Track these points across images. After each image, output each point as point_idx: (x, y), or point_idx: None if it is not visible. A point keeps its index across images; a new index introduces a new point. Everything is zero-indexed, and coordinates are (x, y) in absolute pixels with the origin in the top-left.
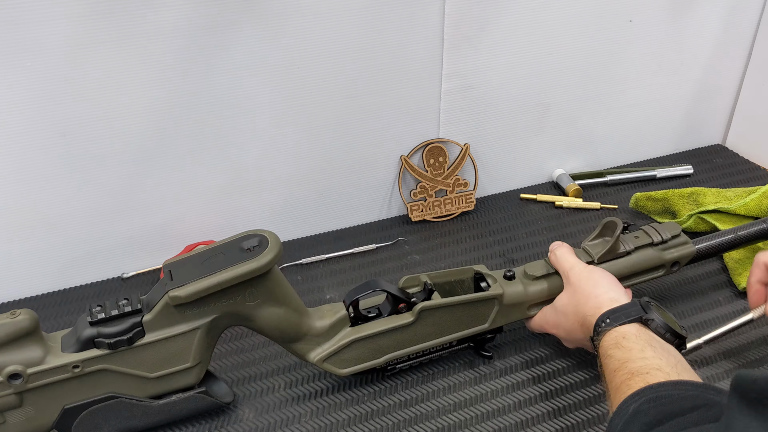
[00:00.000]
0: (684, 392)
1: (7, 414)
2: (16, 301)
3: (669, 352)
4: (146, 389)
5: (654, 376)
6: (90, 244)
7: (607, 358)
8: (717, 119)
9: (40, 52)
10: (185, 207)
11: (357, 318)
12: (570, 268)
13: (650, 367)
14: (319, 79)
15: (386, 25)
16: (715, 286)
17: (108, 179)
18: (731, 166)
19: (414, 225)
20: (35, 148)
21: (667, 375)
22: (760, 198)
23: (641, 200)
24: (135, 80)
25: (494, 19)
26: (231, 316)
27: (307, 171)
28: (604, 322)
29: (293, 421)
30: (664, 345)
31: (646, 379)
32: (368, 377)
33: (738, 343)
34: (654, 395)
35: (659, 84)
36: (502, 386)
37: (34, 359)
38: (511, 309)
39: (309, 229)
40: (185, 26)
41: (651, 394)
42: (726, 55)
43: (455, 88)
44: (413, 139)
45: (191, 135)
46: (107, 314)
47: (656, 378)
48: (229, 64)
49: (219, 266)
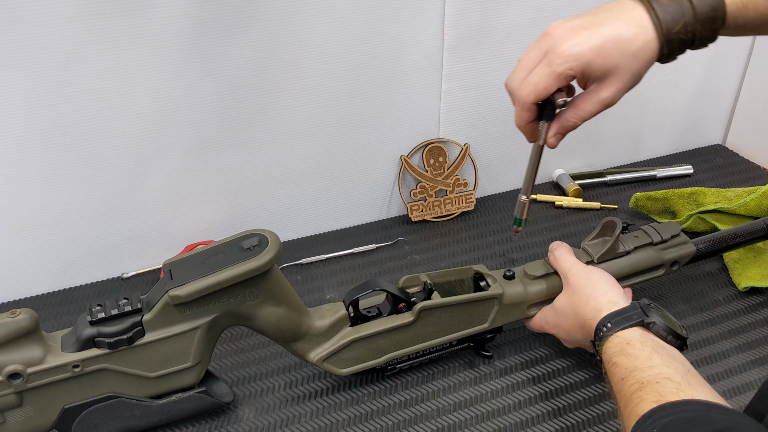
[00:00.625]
0: (697, 414)
1: (7, 413)
2: (16, 300)
3: (676, 359)
4: (146, 389)
5: (664, 386)
6: (90, 244)
7: (613, 365)
8: (717, 119)
9: (40, 52)
10: (185, 207)
11: (357, 318)
12: (569, 269)
13: (660, 377)
14: (319, 80)
15: (386, 25)
16: (715, 286)
17: (108, 179)
18: (731, 166)
19: (414, 225)
20: (35, 148)
21: (678, 385)
22: (760, 198)
23: (641, 200)
24: (135, 80)
25: (494, 19)
26: (231, 315)
27: (306, 171)
28: (605, 326)
29: (293, 421)
30: (669, 350)
31: (657, 389)
32: (368, 377)
33: (735, 343)
34: (668, 419)
35: (659, 84)
36: (502, 386)
37: (34, 359)
38: (511, 309)
39: (309, 229)
40: (185, 26)
41: (665, 419)
42: (726, 55)
43: (455, 88)
44: (413, 139)
45: (191, 135)
46: (107, 314)
47: (666, 389)
48: (229, 64)
49: (219, 266)
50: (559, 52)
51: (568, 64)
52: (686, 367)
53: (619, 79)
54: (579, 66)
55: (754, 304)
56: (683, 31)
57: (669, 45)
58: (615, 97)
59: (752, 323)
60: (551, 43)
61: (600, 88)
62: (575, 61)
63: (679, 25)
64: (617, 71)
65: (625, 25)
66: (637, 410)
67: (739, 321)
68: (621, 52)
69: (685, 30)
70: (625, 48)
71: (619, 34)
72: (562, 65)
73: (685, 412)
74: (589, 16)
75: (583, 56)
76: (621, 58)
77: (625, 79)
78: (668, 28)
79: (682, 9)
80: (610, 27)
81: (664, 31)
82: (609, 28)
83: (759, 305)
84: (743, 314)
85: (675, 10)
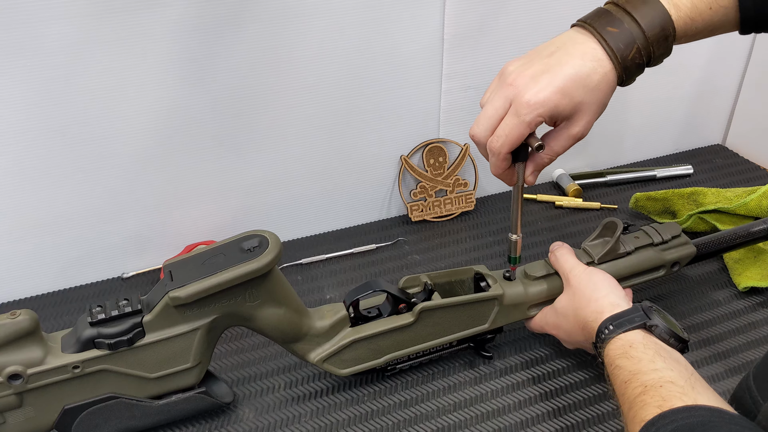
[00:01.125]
0: (701, 420)
1: (7, 414)
2: (16, 301)
3: (679, 362)
4: (146, 389)
5: (668, 390)
6: (90, 244)
7: (616, 368)
8: (717, 119)
9: (40, 52)
10: (185, 207)
11: (357, 318)
12: (570, 270)
13: (664, 380)
14: (319, 79)
15: (386, 25)
16: (715, 286)
17: (108, 179)
18: (731, 166)
19: (414, 225)
20: (35, 148)
21: (682, 389)
22: (760, 198)
23: (641, 200)
24: (135, 80)
25: (494, 19)
26: (231, 316)
27: (306, 171)
28: (607, 328)
29: (293, 421)
30: (672, 353)
31: (660, 393)
32: (368, 377)
33: (736, 343)
34: (672, 427)
35: (659, 84)
36: (502, 386)
37: (35, 360)
38: (511, 309)
39: (309, 229)
40: (185, 26)
41: (669, 426)
42: (726, 55)
43: (455, 88)
44: (413, 139)
45: (191, 135)
46: (107, 315)
47: (670, 393)
48: (229, 64)
49: (219, 267)
50: (525, 102)
51: (536, 112)
52: (689, 371)
53: (587, 113)
54: (547, 111)
55: (754, 304)
56: (638, 56)
57: (626, 71)
58: (585, 130)
59: (752, 323)
60: (514, 93)
61: (569, 125)
62: (542, 107)
63: (632, 51)
64: (583, 107)
65: (581, 61)
66: (640, 415)
67: (739, 321)
68: (583, 88)
69: (639, 54)
70: (586, 84)
71: (578, 71)
72: (530, 114)
73: (688, 419)
74: (545, 58)
75: (549, 101)
76: (584, 94)
77: (592, 112)
78: (623, 56)
79: (632, 35)
80: (568, 66)
81: (619, 59)
82: (567, 68)
83: (759, 305)
84: (743, 314)
85: (626, 37)
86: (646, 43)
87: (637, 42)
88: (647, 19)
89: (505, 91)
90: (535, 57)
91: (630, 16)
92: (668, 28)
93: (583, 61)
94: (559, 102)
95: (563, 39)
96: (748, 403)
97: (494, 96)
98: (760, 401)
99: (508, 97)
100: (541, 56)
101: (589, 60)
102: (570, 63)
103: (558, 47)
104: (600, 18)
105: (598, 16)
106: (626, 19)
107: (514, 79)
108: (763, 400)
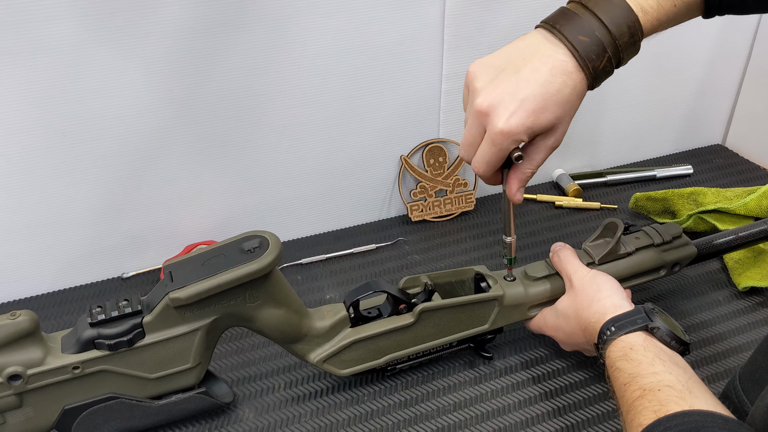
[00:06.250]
0: (694, 426)
1: (7, 414)
2: (16, 301)
3: (678, 365)
4: (146, 390)
5: (666, 394)
6: (90, 244)
7: (616, 370)
8: (717, 119)
9: (40, 52)
10: (185, 207)
11: (357, 319)
12: (573, 272)
13: (662, 384)
14: (319, 79)
15: (386, 25)
16: (715, 286)
17: (108, 179)
18: (731, 166)
19: (414, 225)
20: (35, 148)
21: (679, 393)
22: (760, 198)
23: (641, 200)
24: (135, 80)
25: (494, 19)
26: (231, 317)
27: (307, 171)
28: (608, 329)
29: (293, 421)
30: (672, 356)
31: (658, 398)
32: (368, 377)
33: (736, 343)
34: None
35: (659, 84)
36: (502, 386)
37: (34, 360)
38: (512, 310)
39: (309, 229)
40: (185, 26)
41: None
42: (726, 55)
43: (455, 88)
44: (413, 139)
45: (191, 135)
46: (107, 315)
47: (668, 397)
48: (229, 64)
49: (219, 268)
50: (499, 131)
51: (511, 138)
52: (688, 374)
53: (561, 125)
54: (521, 134)
55: (754, 304)
56: (608, 64)
57: (596, 79)
58: (560, 138)
59: (752, 323)
60: (487, 122)
61: (546, 137)
62: (516, 133)
63: (604, 60)
64: (557, 121)
65: (550, 76)
66: (638, 420)
67: (739, 321)
68: (555, 104)
69: (610, 63)
70: (558, 99)
71: (547, 89)
72: (504, 142)
73: (681, 425)
74: (512, 75)
75: (521, 126)
76: (556, 110)
77: (566, 122)
78: (594, 67)
79: (602, 44)
80: (536, 85)
81: (590, 69)
82: (536, 86)
83: (759, 305)
84: (743, 314)
85: (597, 48)
86: (617, 50)
87: (608, 50)
88: (616, 25)
89: (479, 119)
90: (501, 71)
91: (600, 22)
92: (637, 34)
93: (553, 77)
94: (533, 124)
95: (530, 47)
96: (735, 404)
97: (469, 118)
98: (746, 401)
99: (482, 124)
100: (508, 72)
101: (558, 75)
102: (539, 81)
103: (525, 59)
104: (568, 22)
105: (566, 20)
106: (596, 25)
107: (482, 102)
108: (749, 400)
